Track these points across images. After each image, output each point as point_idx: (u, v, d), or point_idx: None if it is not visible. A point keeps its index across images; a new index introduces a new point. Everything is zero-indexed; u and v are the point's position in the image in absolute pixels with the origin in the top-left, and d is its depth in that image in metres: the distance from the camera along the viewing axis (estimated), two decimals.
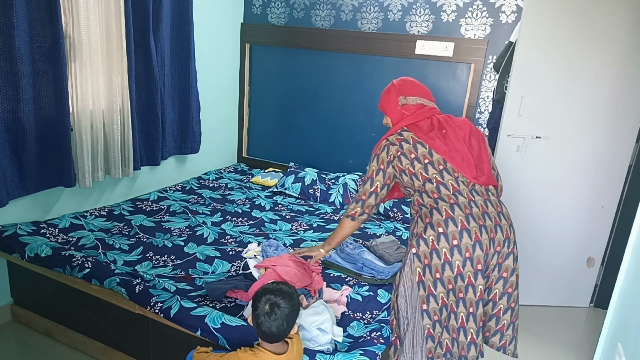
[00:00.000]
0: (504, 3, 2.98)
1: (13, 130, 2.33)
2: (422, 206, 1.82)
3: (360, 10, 3.39)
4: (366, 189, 1.92)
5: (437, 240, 1.72)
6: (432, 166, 1.82)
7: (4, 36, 2.19)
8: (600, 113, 2.74)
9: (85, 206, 2.84)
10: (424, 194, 1.81)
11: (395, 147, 1.88)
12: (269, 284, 1.62)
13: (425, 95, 1.99)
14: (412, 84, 2.01)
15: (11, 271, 2.48)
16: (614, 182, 2.87)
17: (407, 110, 1.95)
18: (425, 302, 1.75)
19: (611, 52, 2.63)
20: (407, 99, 1.96)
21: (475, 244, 1.71)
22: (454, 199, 1.76)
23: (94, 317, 2.26)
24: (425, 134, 1.87)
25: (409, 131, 1.90)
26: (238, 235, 2.68)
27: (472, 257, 1.71)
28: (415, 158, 1.84)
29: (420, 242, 1.75)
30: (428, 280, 1.74)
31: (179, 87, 3.25)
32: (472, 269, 1.72)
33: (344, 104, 3.57)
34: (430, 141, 1.85)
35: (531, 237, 2.92)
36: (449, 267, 1.72)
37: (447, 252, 1.71)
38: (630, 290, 1.26)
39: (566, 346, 2.74)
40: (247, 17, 3.80)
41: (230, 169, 3.84)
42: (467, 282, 1.73)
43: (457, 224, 1.72)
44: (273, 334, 1.54)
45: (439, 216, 1.74)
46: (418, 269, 1.75)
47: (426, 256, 1.74)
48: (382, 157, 1.89)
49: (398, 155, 1.86)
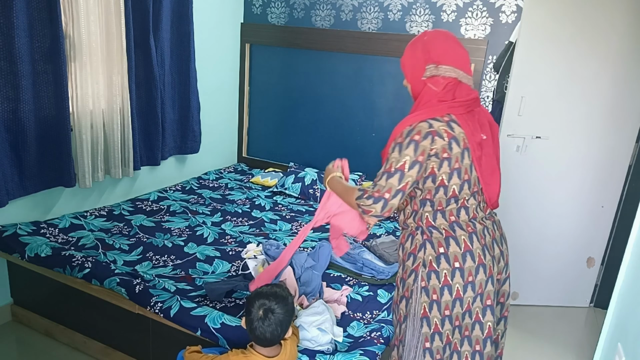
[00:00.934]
0: (504, 3, 2.98)
1: (13, 130, 2.33)
2: (433, 228, 1.49)
3: (360, 10, 3.39)
4: (392, 185, 1.39)
5: (452, 275, 1.47)
6: (457, 175, 1.43)
7: (4, 36, 2.19)
8: (600, 113, 2.74)
9: (85, 206, 2.84)
10: (439, 212, 1.48)
11: (442, 143, 1.40)
12: (263, 288, 1.59)
13: (463, 63, 1.48)
14: (448, 43, 1.48)
15: (11, 271, 2.48)
16: (614, 182, 2.87)
17: (435, 85, 1.47)
18: (429, 340, 1.52)
19: (611, 52, 2.63)
20: (439, 68, 1.46)
21: (488, 279, 1.50)
22: (471, 227, 1.49)
23: (94, 317, 2.26)
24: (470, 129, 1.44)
25: (441, 120, 1.42)
26: (238, 235, 2.68)
27: (483, 292, 1.50)
28: (446, 159, 1.42)
29: (432, 275, 1.48)
30: (435, 317, 1.51)
31: (179, 87, 3.25)
32: (481, 305, 1.51)
33: (344, 104, 3.57)
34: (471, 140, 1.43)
35: (531, 237, 2.92)
36: (459, 304, 1.49)
37: (460, 289, 1.48)
38: (630, 290, 1.26)
39: (566, 346, 2.74)
40: (247, 17, 3.80)
41: (230, 169, 3.84)
42: (475, 318, 1.51)
43: (474, 258, 1.48)
44: (267, 339, 1.53)
45: (457, 248, 1.47)
46: (424, 304, 1.51)
47: (435, 291, 1.49)
48: (424, 147, 1.39)
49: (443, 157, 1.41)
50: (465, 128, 1.43)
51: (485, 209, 1.56)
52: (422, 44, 1.48)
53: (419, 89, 1.50)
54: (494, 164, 1.53)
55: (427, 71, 1.47)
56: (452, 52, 1.47)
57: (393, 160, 1.41)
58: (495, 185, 1.54)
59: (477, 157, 1.45)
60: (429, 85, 1.47)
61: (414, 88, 1.53)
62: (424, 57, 1.47)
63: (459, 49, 1.48)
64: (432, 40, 1.48)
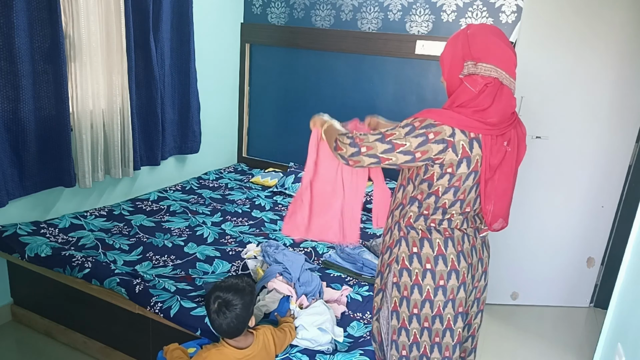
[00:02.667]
0: (504, 3, 2.98)
1: (13, 130, 2.33)
2: (411, 228, 1.49)
3: (360, 10, 3.39)
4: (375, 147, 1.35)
5: (423, 276, 1.48)
6: (453, 191, 1.39)
7: (4, 36, 2.19)
8: (600, 113, 2.74)
9: (85, 206, 2.84)
10: (423, 217, 1.47)
11: (452, 157, 1.34)
12: (222, 280, 1.62)
13: (507, 64, 1.34)
14: (492, 42, 1.35)
15: (11, 271, 2.48)
16: (614, 182, 2.87)
17: (473, 85, 1.34)
18: (397, 333, 1.55)
19: (611, 52, 2.63)
20: (478, 66, 1.33)
21: (460, 285, 1.49)
22: (449, 232, 1.47)
23: (94, 317, 2.26)
24: (489, 150, 1.35)
25: (466, 135, 1.33)
26: (238, 235, 2.68)
27: (455, 298, 1.49)
28: (449, 175, 1.37)
29: (404, 272, 1.50)
30: (404, 312, 1.52)
31: (179, 87, 3.25)
32: (452, 312, 1.50)
33: (344, 104, 3.57)
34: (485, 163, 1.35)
35: (531, 237, 2.92)
36: (429, 305, 1.49)
37: (431, 291, 1.48)
38: (630, 290, 1.26)
39: (566, 346, 2.74)
40: (247, 17, 3.80)
41: (230, 169, 3.84)
42: (446, 325, 1.51)
43: (447, 263, 1.46)
44: (224, 330, 1.56)
45: (430, 251, 1.46)
46: (395, 299, 1.53)
47: (406, 288, 1.50)
48: (430, 148, 1.33)
49: (446, 171, 1.36)
50: (485, 150, 1.34)
51: (476, 226, 1.51)
52: (464, 38, 1.37)
53: (455, 87, 1.39)
54: (506, 185, 1.42)
55: (465, 68, 1.35)
56: (497, 50, 1.34)
57: (396, 133, 1.35)
58: (500, 210, 1.45)
59: (484, 180, 1.38)
60: (465, 84, 1.36)
61: (450, 86, 1.42)
62: (463, 52, 1.36)
63: (504, 46, 1.35)
64: (475, 35, 1.36)
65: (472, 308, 1.61)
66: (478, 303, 1.62)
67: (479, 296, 1.61)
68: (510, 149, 1.40)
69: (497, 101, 1.34)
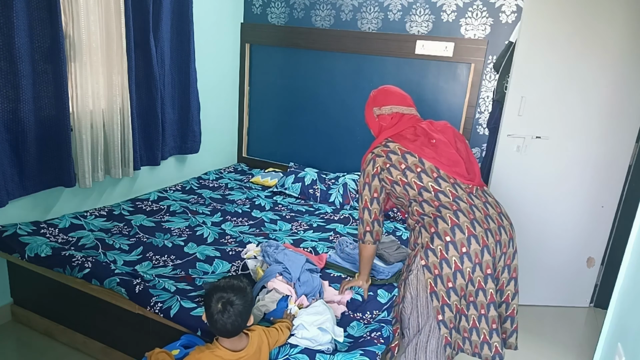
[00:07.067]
0: (504, 3, 2.98)
1: (13, 130, 2.33)
2: (423, 216, 1.78)
3: (360, 10, 3.39)
4: (360, 207, 1.94)
5: (446, 249, 1.70)
6: (425, 174, 1.79)
7: (4, 36, 2.19)
8: (600, 113, 2.74)
9: (85, 206, 2.84)
10: (424, 203, 1.78)
11: (381, 159, 1.86)
12: (220, 281, 1.61)
13: (401, 102, 1.96)
14: (386, 92, 1.99)
15: (11, 271, 2.48)
16: (614, 182, 2.87)
17: (383, 121, 1.94)
18: (441, 313, 1.74)
19: (611, 52, 2.63)
20: (382, 109, 1.96)
21: (483, 248, 1.69)
22: (455, 206, 1.74)
23: (94, 317, 2.26)
24: (412, 143, 1.85)
25: (394, 142, 1.87)
26: (238, 235, 2.68)
27: (481, 262, 1.70)
28: (406, 168, 1.81)
29: (429, 252, 1.72)
30: (441, 290, 1.72)
31: (179, 87, 3.25)
32: (481, 274, 1.71)
33: (344, 104, 3.57)
34: (418, 150, 1.82)
35: (531, 237, 2.92)
36: (461, 275, 1.70)
37: (457, 260, 1.69)
38: (630, 290, 1.26)
39: (566, 346, 2.74)
40: (247, 17, 3.80)
41: (230, 169, 3.84)
42: (478, 286, 1.72)
43: (463, 230, 1.69)
44: (228, 330, 1.55)
45: (445, 224, 1.71)
46: (429, 280, 1.73)
47: (436, 266, 1.71)
48: (368, 171, 1.88)
49: (387, 167, 1.84)
50: (398, 139, 1.86)
51: (466, 189, 1.79)
52: (369, 98, 2.01)
53: (377, 129, 1.96)
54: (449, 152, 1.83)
55: (375, 112, 1.97)
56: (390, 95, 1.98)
57: (360, 198, 1.94)
58: (459, 166, 1.81)
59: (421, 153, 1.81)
60: (380, 123, 1.95)
61: (374, 129, 1.99)
62: (370, 105, 1.99)
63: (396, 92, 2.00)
64: (375, 93, 2.01)
65: (502, 274, 1.79)
66: (509, 270, 1.81)
67: (509, 263, 1.80)
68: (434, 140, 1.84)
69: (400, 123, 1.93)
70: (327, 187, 3.36)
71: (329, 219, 3.04)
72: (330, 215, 3.10)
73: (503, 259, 1.77)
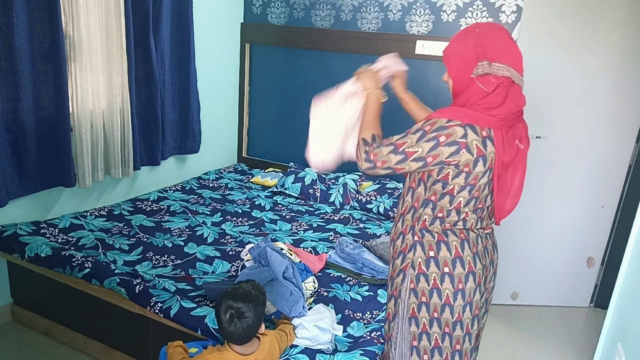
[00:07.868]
0: (504, 3, 2.98)
1: (13, 130, 2.33)
2: (426, 231, 1.48)
3: (360, 10, 3.39)
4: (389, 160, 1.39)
5: (441, 280, 1.46)
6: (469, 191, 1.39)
7: (4, 36, 2.19)
8: (600, 113, 2.74)
9: (85, 206, 2.84)
10: (438, 219, 1.45)
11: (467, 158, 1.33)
12: (232, 287, 1.54)
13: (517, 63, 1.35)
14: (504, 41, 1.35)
15: (11, 271, 2.48)
16: (614, 182, 2.87)
17: (485, 84, 1.32)
18: (417, 339, 1.53)
19: (611, 52, 2.63)
20: (493, 66, 1.32)
21: (476, 287, 1.48)
22: (464, 235, 1.46)
23: (94, 317, 2.26)
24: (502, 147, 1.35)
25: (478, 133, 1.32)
26: (238, 235, 2.68)
27: (472, 301, 1.49)
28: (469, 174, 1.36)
29: (421, 277, 1.48)
30: (424, 317, 1.51)
31: (179, 87, 3.25)
32: (470, 315, 1.50)
33: None
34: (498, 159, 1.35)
35: (531, 237, 2.92)
36: (450, 310, 1.48)
37: (450, 295, 1.47)
38: (630, 290, 1.26)
39: (566, 346, 2.74)
40: (247, 17, 3.80)
41: (230, 169, 3.84)
42: (465, 330, 1.51)
43: (464, 265, 1.45)
44: (234, 339, 1.52)
45: (448, 254, 1.45)
46: (413, 305, 1.52)
47: (424, 293, 1.49)
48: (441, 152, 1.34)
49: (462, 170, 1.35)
50: (497, 147, 1.34)
51: (485, 225, 1.51)
52: (475, 37, 1.34)
53: (464, 86, 1.37)
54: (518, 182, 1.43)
55: (479, 68, 1.32)
56: (509, 49, 1.33)
57: (408, 141, 1.37)
58: (511, 204, 1.45)
59: (497, 176, 1.38)
60: (477, 84, 1.33)
61: (458, 85, 1.39)
62: (476, 51, 1.32)
63: (515, 45, 1.35)
64: (486, 34, 1.34)
65: (481, 310, 1.60)
66: (486, 303, 1.63)
67: (488, 297, 1.62)
68: (522, 146, 1.40)
69: (508, 100, 1.34)
70: (327, 187, 3.36)
71: (329, 219, 3.04)
72: (330, 215, 3.10)
73: (484, 294, 1.57)
